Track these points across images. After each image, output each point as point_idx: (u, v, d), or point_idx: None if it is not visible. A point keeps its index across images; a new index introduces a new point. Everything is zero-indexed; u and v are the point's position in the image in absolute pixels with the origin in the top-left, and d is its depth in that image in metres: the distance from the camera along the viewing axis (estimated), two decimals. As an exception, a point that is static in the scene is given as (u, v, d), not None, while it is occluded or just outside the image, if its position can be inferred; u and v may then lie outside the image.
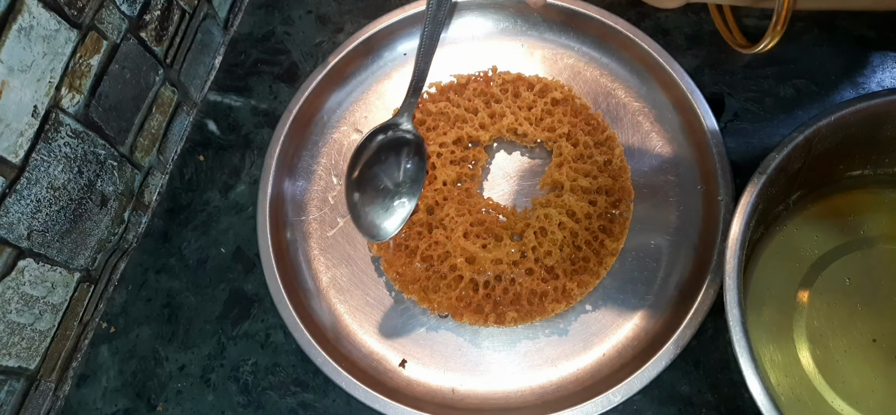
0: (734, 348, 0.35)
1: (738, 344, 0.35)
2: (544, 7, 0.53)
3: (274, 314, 0.47)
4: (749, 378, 0.34)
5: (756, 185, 0.39)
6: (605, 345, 0.45)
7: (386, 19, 0.55)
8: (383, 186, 0.48)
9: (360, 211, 0.47)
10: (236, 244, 0.50)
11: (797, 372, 0.41)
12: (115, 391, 0.47)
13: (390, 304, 0.48)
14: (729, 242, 0.38)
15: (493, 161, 0.52)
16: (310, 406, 0.45)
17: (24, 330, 0.43)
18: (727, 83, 0.51)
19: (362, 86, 0.55)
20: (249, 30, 0.59)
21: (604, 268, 0.45)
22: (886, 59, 0.51)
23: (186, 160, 0.54)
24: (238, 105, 0.56)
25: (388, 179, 0.48)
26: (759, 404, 0.34)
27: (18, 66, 0.39)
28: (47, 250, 0.44)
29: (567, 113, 0.50)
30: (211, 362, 0.47)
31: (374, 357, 0.46)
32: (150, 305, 0.49)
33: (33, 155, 0.41)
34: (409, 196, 0.47)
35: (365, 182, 0.48)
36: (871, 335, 0.41)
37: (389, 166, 0.48)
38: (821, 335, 0.41)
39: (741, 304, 0.36)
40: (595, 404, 0.41)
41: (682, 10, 0.54)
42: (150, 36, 0.50)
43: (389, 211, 0.47)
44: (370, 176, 0.48)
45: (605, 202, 0.47)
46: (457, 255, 0.46)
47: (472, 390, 0.44)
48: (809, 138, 0.40)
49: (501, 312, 0.44)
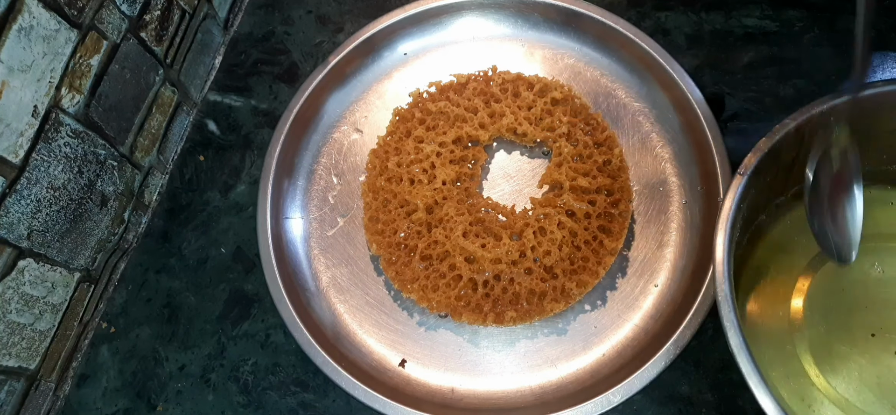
0: (726, 332, 0.35)
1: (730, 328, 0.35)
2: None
3: (274, 314, 0.47)
4: (740, 358, 0.34)
5: (748, 166, 0.39)
6: (605, 345, 0.45)
7: (386, 19, 0.55)
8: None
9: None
10: (236, 244, 0.50)
11: (795, 366, 0.41)
12: (115, 391, 0.47)
13: (390, 303, 0.48)
14: (719, 220, 0.38)
15: (493, 161, 0.52)
16: (310, 406, 0.45)
17: (25, 330, 0.43)
18: (727, 83, 0.51)
19: (362, 86, 0.55)
20: (249, 30, 0.59)
21: (603, 268, 0.45)
22: (886, 60, 0.51)
23: (186, 160, 0.54)
24: (238, 105, 0.56)
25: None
26: (756, 394, 0.34)
27: (18, 66, 0.39)
28: (47, 250, 0.44)
29: (567, 113, 0.50)
30: (211, 362, 0.47)
31: (374, 357, 0.46)
32: (150, 305, 0.49)
33: (33, 155, 0.41)
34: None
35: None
36: (870, 330, 0.41)
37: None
38: (818, 330, 0.41)
39: (730, 280, 0.36)
40: (595, 404, 0.41)
41: (682, 11, 0.54)
42: (150, 36, 0.50)
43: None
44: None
45: (604, 202, 0.47)
46: (456, 254, 0.46)
47: (471, 390, 0.44)
48: (801, 127, 0.40)
49: (500, 311, 0.44)
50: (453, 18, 0.56)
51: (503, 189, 0.50)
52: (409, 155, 0.49)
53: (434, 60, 0.56)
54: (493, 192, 0.50)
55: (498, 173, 0.51)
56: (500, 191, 0.50)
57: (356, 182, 0.52)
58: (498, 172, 0.51)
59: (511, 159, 0.51)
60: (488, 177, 0.51)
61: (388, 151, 0.50)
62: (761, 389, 0.34)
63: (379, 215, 0.48)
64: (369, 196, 0.49)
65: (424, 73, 0.55)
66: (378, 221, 0.48)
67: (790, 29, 0.53)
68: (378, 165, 0.50)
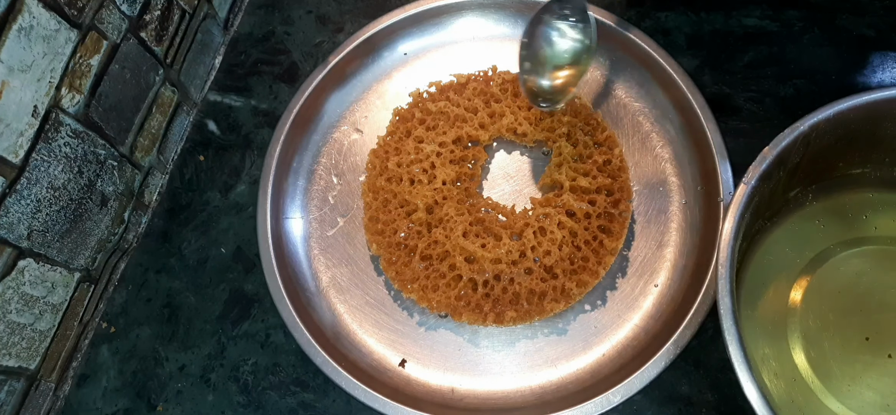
0: (724, 336, 0.35)
1: (729, 332, 0.35)
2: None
3: (274, 314, 0.47)
4: (736, 361, 0.34)
5: (752, 175, 0.39)
6: (605, 345, 0.45)
7: (386, 19, 0.55)
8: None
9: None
10: (236, 244, 0.50)
11: (790, 369, 0.41)
12: (115, 391, 0.47)
13: (390, 303, 0.48)
14: (724, 230, 0.38)
15: (493, 161, 0.52)
16: (310, 406, 0.45)
17: (25, 330, 0.43)
18: (727, 83, 0.51)
19: (362, 86, 0.55)
20: (249, 30, 0.59)
21: (603, 268, 0.45)
22: (886, 59, 0.51)
23: (186, 160, 0.54)
24: (238, 105, 0.56)
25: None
26: (748, 395, 0.34)
27: (18, 66, 0.39)
28: (47, 250, 0.44)
29: (566, 113, 0.50)
30: (211, 362, 0.47)
31: (374, 357, 0.46)
32: (150, 305, 0.49)
33: (33, 155, 0.41)
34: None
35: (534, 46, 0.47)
36: (865, 334, 0.41)
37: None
38: (814, 332, 0.41)
39: (732, 291, 0.36)
40: (595, 404, 0.41)
41: (682, 11, 0.54)
42: (150, 36, 0.50)
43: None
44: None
45: (604, 202, 0.47)
46: (456, 254, 0.46)
47: (471, 390, 0.44)
48: (807, 133, 0.40)
49: (500, 311, 0.44)
50: (453, 18, 0.56)
51: (503, 189, 0.50)
52: (409, 155, 0.49)
53: (434, 60, 0.56)
54: (493, 192, 0.50)
55: (498, 173, 0.51)
56: (500, 191, 0.50)
57: (356, 182, 0.52)
58: (498, 172, 0.51)
59: (511, 159, 0.51)
60: (488, 177, 0.51)
61: (388, 151, 0.50)
62: (754, 392, 0.34)
63: (379, 215, 0.48)
64: (369, 196, 0.49)
65: (424, 73, 0.55)
66: (378, 221, 0.48)
67: (790, 29, 0.53)
68: (378, 165, 0.50)
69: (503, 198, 0.50)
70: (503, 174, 0.51)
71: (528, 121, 0.50)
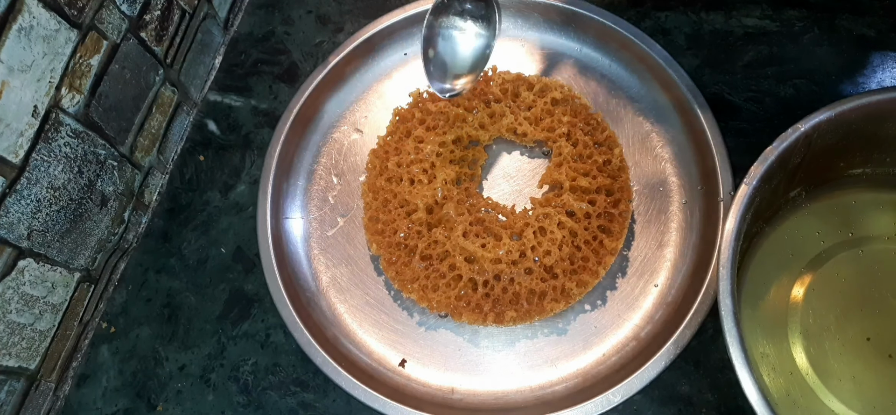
0: (725, 336, 0.35)
1: (729, 333, 0.35)
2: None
3: (274, 314, 0.47)
4: (737, 361, 0.34)
5: (754, 176, 0.39)
6: (605, 345, 0.45)
7: (386, 19, 0.55)
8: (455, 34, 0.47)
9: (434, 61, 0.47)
10: (236, 244, 0.50)
11: (790, 369, 0.41)
12: (115, 391, 0.47)
13: (390, 303, 0.48)
14: (725, 231, 0.38)
15: (493, 161, 0.52)
16: (310, 406, 0.45)
17: (24, 330, 0.43)
18: (727, 83, 0.51)
19: (362, 86, 0.55)
20: (249, 30, 0.59)
21: (603, 268, 0.45)
22: (886, 59, 0.51)
23: (186, 160, 0.54)
24: (238, 105, 0.56)
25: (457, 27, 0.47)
26: (748, 396, 0.34)
27: (18, 66, 0.39)
28: (47, 250, 0.44)
29: (566, 113, 0.50)
30: (211, 362, 0.47)
31: (374, 357, 0.46)
32: (150, 305, 0.49)
33: (33, 155, 0.41)
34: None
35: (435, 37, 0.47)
36: (865, 334, 0.41)
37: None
38: (815, 333, 0.41)
39: (734, 292, 0.36)
40: (595, 404, 0.41)
41: (681, 11, 0.54)
42: (150, 36, 0.50)
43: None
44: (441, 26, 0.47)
45: (604, 202, 0.47)
46: (456, 254, 0.46)
47: (471, 390, 0.44)
48: (809, 133, 0.40)
49: (500, 311, 0.44)
50: (453, 18, 0.56)
51: (503, 189, 0.50)
52: (409, 155, 0.49)
53: (434, 60, 0.56)
54: (493, 192, 0.50)
55: (498, 173, 0.51)
56: (500, 191, 0.50)
57: (356, 182, 0.52)
58: (498, 172, 0.51)
59: (511, 159, 0.51)
60: (488, 177, 0.51)
61: (388, 151, 0.50)
62: (755, 393, 0.34)
63: (379, 215, 0.48)
64: (369, 196, 0.49)
65: (424, 73, 0.55)
66: (378, 221, 0.48)
67: (790, 29, 0.53)
68: (378, 165, 0.50)
69: (503, 198, 0.50)
70: (503, 174, 0.51)
71: (528, 121, 0.50)
